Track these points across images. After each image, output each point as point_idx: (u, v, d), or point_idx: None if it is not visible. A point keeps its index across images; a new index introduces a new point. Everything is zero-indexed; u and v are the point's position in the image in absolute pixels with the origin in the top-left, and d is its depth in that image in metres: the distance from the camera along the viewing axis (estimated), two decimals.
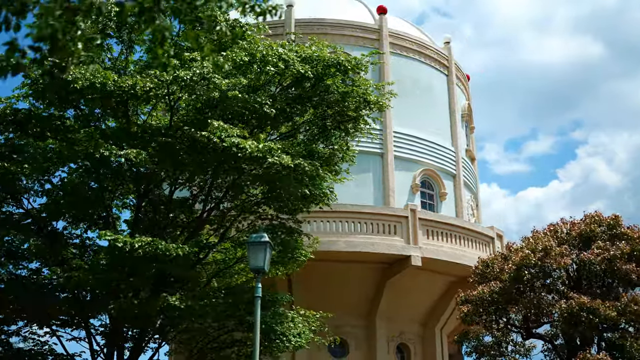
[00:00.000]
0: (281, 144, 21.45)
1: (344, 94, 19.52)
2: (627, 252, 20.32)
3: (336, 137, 21.48)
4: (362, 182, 32.82)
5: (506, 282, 19.97)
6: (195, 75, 16.84)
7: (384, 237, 30.57)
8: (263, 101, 17.72)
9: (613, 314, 18.88)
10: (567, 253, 20.20)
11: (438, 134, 35.46)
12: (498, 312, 20.13)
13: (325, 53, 18.88)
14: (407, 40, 36.02)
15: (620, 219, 21.82)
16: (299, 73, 18.11)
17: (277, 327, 19.89)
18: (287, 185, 18.58)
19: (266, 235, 16.78)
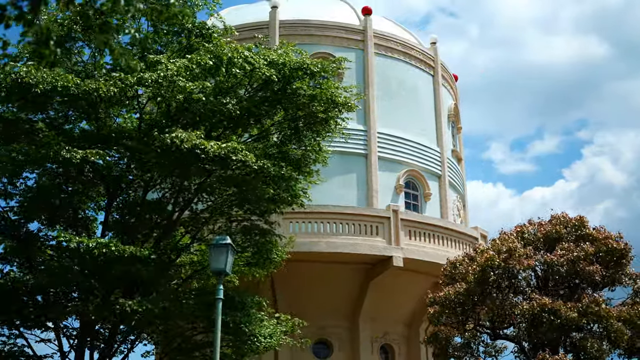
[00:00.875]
0: (253, 146, 21.70)
1: (312, 97, 19.61)
2: (591, 253, 20.34)
3: (308, 139, 21.58)
4: (346, 183, 32.93)
5: (471, 284, 20.02)
6: (161, 78, 16.92)
7: (365, 237, 30.64)
8: (227, 103, 17.80)
9: (574, 315, 18.89)
10: (532, 254, 20.23)
11: (423, 135, 35.49)
12: (465, 314, 20.16)
13: (292, 57, 18.95)
14: (392, 41, 36.06)
15: (586, 220, 21.85)
16: (264, 76, 18.18)
17: (247, 328, 19.97)
18: (253, 187, 18.66)
19: (228, 238, 16.85)
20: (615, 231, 21.45)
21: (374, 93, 34.25)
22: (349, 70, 34.37)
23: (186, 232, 22.03)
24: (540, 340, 19.33)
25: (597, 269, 20.05)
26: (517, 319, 19.39)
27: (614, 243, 20.90)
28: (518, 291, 19.71)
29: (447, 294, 20.41)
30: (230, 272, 16.92)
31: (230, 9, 39.55)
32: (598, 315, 19.18)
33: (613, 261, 20.84)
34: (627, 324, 19.79)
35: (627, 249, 21.09)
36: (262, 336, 20.75)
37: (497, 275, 19.86)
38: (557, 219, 21.86)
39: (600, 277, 20.16)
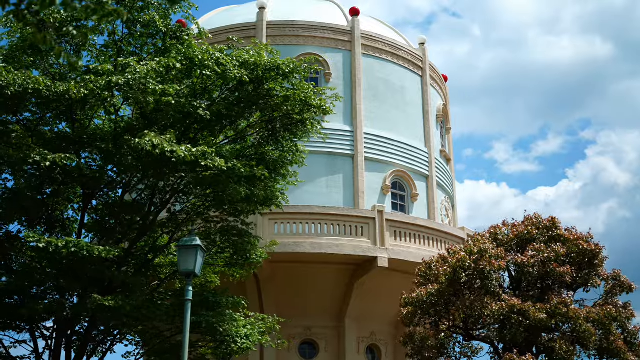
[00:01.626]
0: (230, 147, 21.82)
1: (286, 98, 19.69)
2: (562, 254, 20.35)
3: (286, 140, 21.66)
4: (332, 184, 33.01)
5: (443, 285, 20.05)
6: (132, 81, 17.01)
7: (350, 238, 30.70)
8: (197, 105, 17.89)
9: (542, 316, 18.91)
10: (504, 255, 20.26)
11: (410, 135, 35.54)
12: (437, 315, 20.19)
13: (264, 57, 19.02)
14: (379, 41, 36.11)
15: (558, 221, 21.86)
16: (235, 77, 18.27)
17: (221, 328, 20.06)
18: (224, 188, 18.75)
19: (197, 239, 16.92)
20: (590, 231, 21.51)
21: (361, 94, 34.32)
22: (336, 71, 34.57)
23: (163, 232, 22.12)
24: (510, 341, 19.35)
25: (568, 269, 20.06)
26: (487, 320, 19.40)
27: (584, 244, 20.93)
28: (489, 292, 19.72)
29: (419, 294, 20.48)
30: (199, 273, 16.98)
31: (221, 10, 39.73)
32: (566, 316, 19.19)
33: (585, 262, 20.86)
34: (596, 324, 19.81)
35: (599, 250, 21.11)
36: (238, 337, 20.84)
37: (468, 276, 19.89)
38: (529, 220, 21.91)
39: (570, 278, 20.17)
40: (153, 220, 20.96)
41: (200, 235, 22.94)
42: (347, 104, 34.21)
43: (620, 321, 20.20)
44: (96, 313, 17.84)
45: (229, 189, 18.74)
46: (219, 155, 18.01)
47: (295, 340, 32.18)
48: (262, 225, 30.31)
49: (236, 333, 20.90)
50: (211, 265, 23.36)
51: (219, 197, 19.79)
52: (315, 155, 33.10)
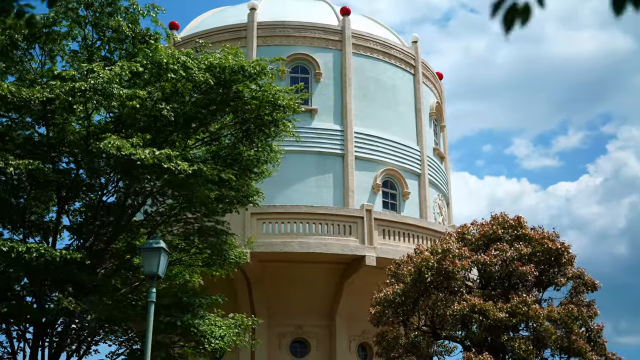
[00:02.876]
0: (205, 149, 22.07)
1: (254, 99, 19.88)
2: (526, 254, 20.33)
3: (260, 140, 21.84)
4: (322, 183, 33.15)
5: (408, 284, 20.13)
6: (97, 85, 17.25)
7: (338, 237, 30.83)
8: (161, 107, 18.10)
9: (502, 315, 18.91)
10: (468, 255, 20.28)
11: (402, 134, 35.57)
12: (405, 314, 20.28)
13: (229, 60, 19.19)
14: (371, 40, 36.17)
15: (523, 220, 21.83)
16: (200, 81, 18.48)
17: (195, 329, 20.29)
18: (192, 190, 18.98)
19: (161, 242, 17.14)
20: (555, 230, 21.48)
21: (351, 93, 34.42)
22: (327, 71, 34.70)
23: (142, 234, 22.38)
24: (471, 340, 19.40)
25: (531, 269, 20.05)
26: (449, 320, 19.45)
27: (549, 243, 20.88)
28: (453, 292, 19.76)
29: (386, 294, 20.58)
30: (163, 275, 17.21)
31: (216, 11, 39.99)
32: (527, 316, 19.18)
33: (551, 261, 20.83)
34: (558, 324, 19.76)
35: (564, 249, 21.06)
36: (212, 337, 21.06)
37: (432, 276, 19.94)
38: (496, 220, 21.90)
39: (533, 277, 20.16)
40: (127, 222, 21.23)
41: (179, 236, 23.30)
42: (337, 104, 34.35)
43: (582, 320, 20.16)
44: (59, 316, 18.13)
45: (197, 191, 18.96)
46: (185, 159, 18.18)
47: (286, 339, 32.42)
48: (250, 225, 30.54)
49: (211, 333, 21.13)
50: (190, 266, 23.60)
51: (188, 199, 20.01)
52: (305, 154, 33.33)
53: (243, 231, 30.56)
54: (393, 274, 21.32)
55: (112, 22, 18.91)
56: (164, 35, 20.55)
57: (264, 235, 30.67)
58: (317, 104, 34.11)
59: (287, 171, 32.90)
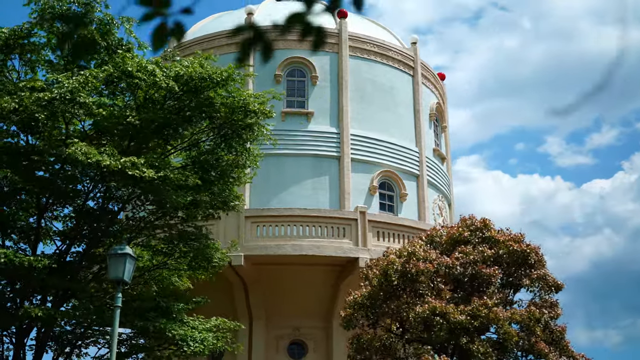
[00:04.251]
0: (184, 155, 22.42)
1: (226, 105, 20.16)
2: (490, 256, 20.28)
3: (239, 144, 22.11)
4: (319, 185, 33.33)
5: (375, 287, 20.22)
6: (59, 95, 17.64)
7: (332, 240, 31.00)
8: (127, 116, 18.46)
9: (461, 318, 18.90)
10: (433, 257, 20.29)
11: (400, 135, 35.60)
12: (374, 317, 20.38)
13: (197, 67, 19.47)
14: (368, 42, 36.28)
15: (490, 222, 21.77)
16: (165, 87, 18.81)
17: (170, 332, 20.62)
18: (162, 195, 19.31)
19: (128, 248, 17.51)
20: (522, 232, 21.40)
21: (347, 95, 34.56)
22: (323, 74, 34.89)
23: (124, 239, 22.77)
24: (433, 343, 19.43)
25: (495, 271, 20.02)
26: (412, 323, 19.50)
27: (515, 245, 20.81)
28: (418, 294, 19.81)
29: (355, 297, 20.70)
30: (129, 280, 17.55)
31: (215, 16, 40.39)
32: (488, 318, 19.14)
33: (518, 263, 20.76)
34: (520, 326, 19.67)
35: (530, 250, 20.97)
36: (192, 340, 21.37)
37: (397, 279, 20.01)
38: (464, 222, 21.88)
39: (497, 279, 20.10)
40: (107, 227, 21.64)
41: (163, 241, 23.68)
42: (333, 106, 34.52)
43: (544, 321, 20.05)
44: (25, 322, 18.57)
45: (167, 197, 19.28)
46: (151, 165, 18.49)
47: (284, 341, 32.67)
48: (245, 228, 30.87)
49: (191, 337, 21.45)
50: (174, 270, 23.93)
51: (161, 204, 20.35)
52: (301, 157, 33.57)
53: (237, 234, 30.91)
54: (365, 277, 21.45)
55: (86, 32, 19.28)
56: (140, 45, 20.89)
57: (258, 238, 31.00)
58: (313, 107, 34.31)
59: (283, 174, 33.23)
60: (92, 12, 20.14)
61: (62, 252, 21.52)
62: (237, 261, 30.18)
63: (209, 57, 21.08)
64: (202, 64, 19.73)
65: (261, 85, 34.20)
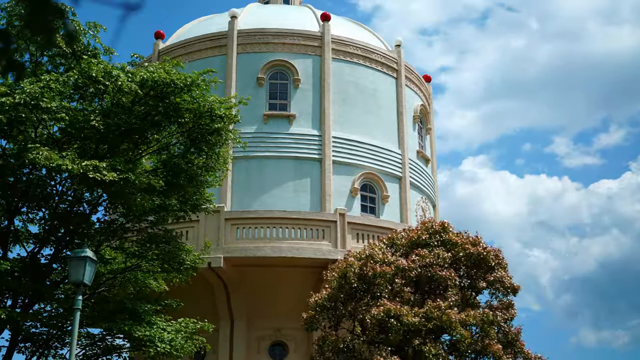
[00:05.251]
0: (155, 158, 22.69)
1: (190, 110, 20.42)
2: (446, 259, 20.45)
3: (209, 148, 22.38)
4: (300, 188, 33.56)
5: (334, 289, 20.43)
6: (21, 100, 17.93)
7: (311, 241, 31.22)
8: (91, 120, 18.74)
9: (414, 320, 19.10)
10: (391, 260, 20.48)
11: (382, 137, 35.80)
12: (335, 319, 20.59)
13: (162, 73, 19.72)
14: (351, 45, 36.49)
15: (448, 225, 21.94)
16: (132, 93, 19.09)
17: (137, 333, 20.90)
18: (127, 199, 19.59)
19: (88, 251, 17.78)
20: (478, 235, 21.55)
21: (329, 98, 34.79)
22: (305, 77, 35.13)
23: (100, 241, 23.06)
24: (388, 344, 19.61)
25: (451, 273, 20.20)
26: (368, 324, 19.71)
27: (471, 248, 20.98)
28: (375, 297, 20.01)
29: (316, 299, 20.91)
30: (89, 282, 17.82)
31: (200, 20, 40.68)
32: (440, 320, 19.32)
33: (479, 266, 20.93)
34: (474, 328, 19.83)
35: (487, 253, 21.13)
36: (159, 341, 21.65)
37: (356, 281, 20.22)
38: (423, 225, 22.07)
39: (453, 282, 20.28)
40: (77, 230, 21.93)
41: (137, 243, 23.96)
42: (315, 109, 34.75)
43: (497, 323, 20.22)
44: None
45: (132, 200, 19.56)
46: (113, 169, 18.75)
47: (265, 342, 32.91)
48: (224, 230, 31.15)
49: (159, 338, 21.73)
50: (147, 272, 24.20)
51: (129, 208, 20.64)
52: (283, 160, 33.83)
53: (217, 236, 31.22)
54: (327, 279, 21.68)
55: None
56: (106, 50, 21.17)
57: (238, 240, 31.27)
58: (295, 110, 34.56)
59: (265, 176, 33.50)
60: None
61: (33, 255, 21.81)
62: (217, 263, 30.50)
63: (177, 64, 21.35)
64: (169, 70, 20.00)
65: (244, 88, 34.57)
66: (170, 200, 21.08)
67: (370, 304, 19.73)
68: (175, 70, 20.53)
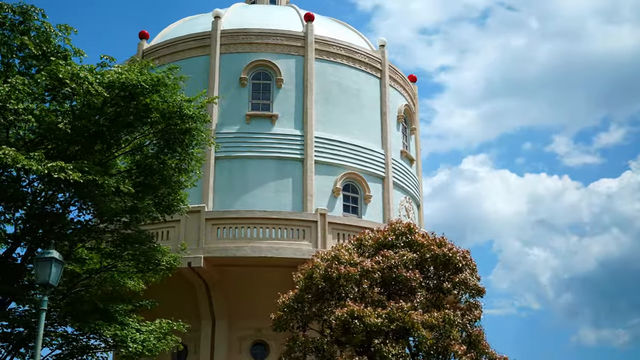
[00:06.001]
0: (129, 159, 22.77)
1: (159, 110, 20.49)
2: (411, 260, 20.51)
3: (182, 148, 22.44)
4: (282, 188, 33.63)
5: (301, 290, 20.48)
6: None
7: (291, 242, 31.29)
8: (59, 122, 18.81)
9: (377, 320, 19.17)
10: (357, 262, 20.54)
11: (365, 137, 35.85)
12: (302, 319, 20.65)
13: (130, 75, 19.77)
14: (334, 45, 36.54)
15: (414, 227, 22.00)
16: (98, 95, 19.15)
17: (107, 334, 21.01)
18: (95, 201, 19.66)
19: (54, 252, 17.86)
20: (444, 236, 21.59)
21: (312, 98, 34.84)
22: (288, 77, 35.18)
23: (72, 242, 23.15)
24: (351, 345, 19.68)
25: (415, 274, 20.26)
26: (332, 325, 19.77)
27: (437, 249, 21.05)
28: (340, 297, 20.09)
29: (283, 300, 20.98)
30: (55, 283, 17.90)
31: (185, 20, 40.73)
32: (403, 321, 19.38)
33: (441, 267, 20.99)
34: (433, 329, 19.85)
35: (453, 254, 21.19)
36: (131, 341, 21.74)
37: (321, 282, 20.27)
38: (391, 226, 22.13)
39: (417, 283, 20.34)
40: (51, 230, 22.01)
41: (112, 243, 24.04)
42: (298, 109, 34.81)
43: (460, 325, 20.28)
44: None
45: (100, 202, 19.63)
46: (80, 170, 18.80)
47: (246, 342, 32.97)
48: (205, 230, 31.23)
49: (131, 338, 21.83)
50: (123, 272, 24.29)
51: (100, 209, 20.73)
52: (265, 160, 33.91)
53: (198, 236, 31.31)
54: (298, 280, 21.75)
55: (17, 41, 19.68)
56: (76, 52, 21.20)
57: (218, 240, 31.35)
58: (278, 110, 34.61)
59: (246, 177, 33.58)
60: (31, 21, 20.53)
61: (7, 255, 21.89)
62: (197, 263, 30.59)
63: (148, 65, 21.39)
64: (140, 70, 20.07)
65: (227, 89, 34.69)
66: (142, 202, 21.13)
67: (335, 305, 19.79)
68: (145, 71, 20.59)
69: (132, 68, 20.29)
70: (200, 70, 35.25)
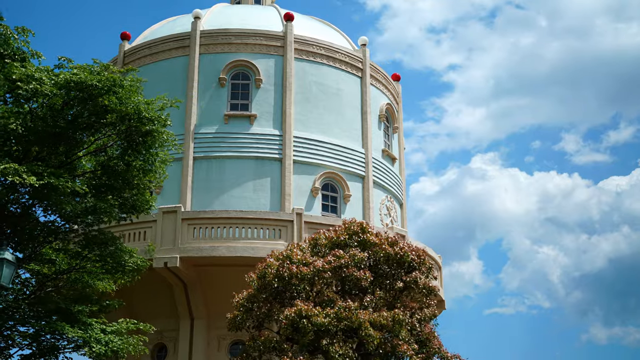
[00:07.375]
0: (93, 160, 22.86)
1: (116, 112, 20.56)
2: (362, 259, 20.50)
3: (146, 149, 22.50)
4: (260, 187, 33.71)
5: (254, 290, 20.52)
6: None
7: (266, 241, 31.29)
8: (12, 123, 18.93)
9: (325, 320, 19.16)
10: (310, 261, 20.54)
11: (346, 137, 35.87)
12: (257, 319, 20.68)
13: (86, 75, 19.84)
14: (314, 45, 36.57)
15: (367, 226, 22.00)
16: (53, 96, 19.25)
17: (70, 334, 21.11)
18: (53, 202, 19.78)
19: (6, 253, 17.98)
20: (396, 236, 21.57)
21: (291, 98, 34.89)
22: (267, 77, 35.25)
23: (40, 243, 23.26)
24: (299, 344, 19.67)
25: (364, 274, 20.26)
26: (282, 325, 19.80)
27: (389, 248, 21.03)
28: (293, 297, 20.12)
29: (238, 299, 21.03)
30: (7, 284, 18.02)
31: (167, 21, 40.83)
32: (350, 320, 19.38)
33: (394, 266, 20.96)
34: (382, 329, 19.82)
35: (405, 254, 21.15)
36: (95, 342, 21.82)
37: (275, 282, 20.31)
38: (345, 225, 22.14)
39: (367, 283, 20.32)
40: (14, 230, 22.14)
41: (79, 244, 24.13)
42: (277, 109, 34.87)
43: (408, 324, 20.24)
44: None
45: (57, 204, 19.75)
46: (34, 172, 18.90)
47: (225, 340, 33.03)
48: (181, 230, 31.30)
49: (95, 339, 21.91)
50: (91, 273, 24.37)
51: (57, 210, 20.85)
52: (243, 160, 33.99)
53: (174, 236, 31.41)
54: (250, 280, 21.80)
55: None
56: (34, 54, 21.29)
57: (193, 240, 31.41)
58: (256, 110, 34.68)
59: (225, 177, 33.68)
60: None
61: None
62: (173, 262, 30.69)
63: (108, 67, 21.45)
64: (92, 70, 20.13)
65: (206, 89, 34.81)
66: (103, 202, 21.22)
67: (286, 305, 19.83)
68: (103, 72, 20.65)
69: (86, 68, 20.36)
70: (180, 70, 35.42)
